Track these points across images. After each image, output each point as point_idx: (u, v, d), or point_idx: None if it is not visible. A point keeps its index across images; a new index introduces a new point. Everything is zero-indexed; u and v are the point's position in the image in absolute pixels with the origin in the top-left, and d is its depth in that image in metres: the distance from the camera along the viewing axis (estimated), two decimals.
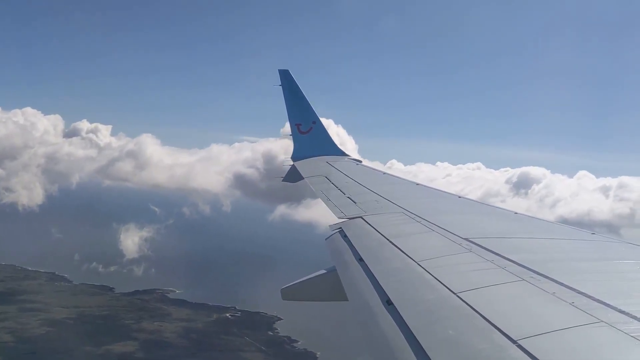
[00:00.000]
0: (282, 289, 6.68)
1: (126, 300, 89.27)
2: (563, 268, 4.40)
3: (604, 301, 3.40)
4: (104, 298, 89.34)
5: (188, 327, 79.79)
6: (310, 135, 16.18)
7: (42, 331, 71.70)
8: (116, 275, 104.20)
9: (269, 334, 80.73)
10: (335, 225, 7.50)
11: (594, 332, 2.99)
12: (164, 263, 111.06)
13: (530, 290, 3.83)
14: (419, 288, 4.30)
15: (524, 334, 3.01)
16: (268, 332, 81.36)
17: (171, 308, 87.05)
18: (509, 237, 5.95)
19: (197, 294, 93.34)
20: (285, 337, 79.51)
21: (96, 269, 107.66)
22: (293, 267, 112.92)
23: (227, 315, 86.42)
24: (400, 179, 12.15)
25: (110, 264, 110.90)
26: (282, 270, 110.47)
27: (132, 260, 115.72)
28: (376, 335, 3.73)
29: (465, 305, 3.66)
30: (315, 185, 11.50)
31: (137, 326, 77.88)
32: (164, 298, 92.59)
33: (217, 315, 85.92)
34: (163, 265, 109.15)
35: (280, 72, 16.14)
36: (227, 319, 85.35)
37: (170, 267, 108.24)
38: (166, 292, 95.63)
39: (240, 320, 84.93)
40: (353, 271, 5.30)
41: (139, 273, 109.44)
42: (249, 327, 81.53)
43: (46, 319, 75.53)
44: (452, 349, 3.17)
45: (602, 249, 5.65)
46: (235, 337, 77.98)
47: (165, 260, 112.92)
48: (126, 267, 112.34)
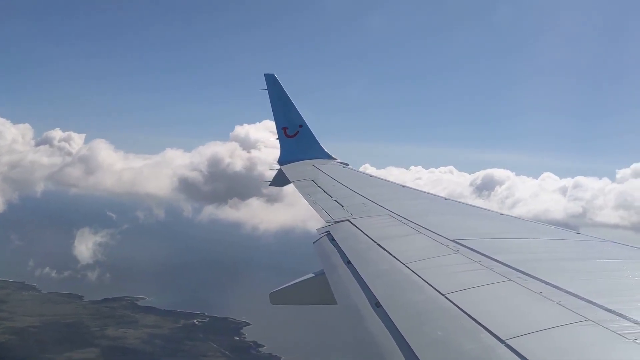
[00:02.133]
0: (270, 293, 6.66)
1: (94, 308, 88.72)
2: (549, 268, 4.43)
3: (590, 300, 3.43)
4: (72, 306, 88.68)
5: (153, 333, 79.68)
6: (296, 139, 16.18)
7: (3, 339, 70.98)
8: (86, 283, 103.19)
9: (235, 339, 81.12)
10: (323, 229, 7.49)
11: (581, 330, 3.02)
12: (125, 270, 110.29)
13: (517, 290, 3.85)
14: (407, 290, 4.31)
15: (512, 334, 3.03)
16: (234, 338, 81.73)
17: (139, 315, 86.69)
18: (495, 237, 5.99)
19: (167, 300, 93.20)
20: (252, 342, 79.97)
21: (49, 274, 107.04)
22: (258, 271, 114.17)
23: (194, 322, 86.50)
24: (387, 182, 12.19)
25: (64, 269, 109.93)
26: (249, 275, 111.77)
27: (87, 266, 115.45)
28: (365, 338, 3.73)
29: (453, 306, 3.67)
30: (302, 188, 11.49)
31: (100, 333, 77.59)
32: (133, 305, 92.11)
33: (184, 321, 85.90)
34: (130, 273, 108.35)
35: (266, 77, 16.11)
36: (194, 324, 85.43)
37: (136, 274, 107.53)
38: (136, 299, 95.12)
39: (207, 326, 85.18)
40: (341, 274, 5.29)
41: (93, 278, 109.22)
42: (215, 333, 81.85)
43: (8, 328, 74.77)
44: (441, 349, 3.18)
45: (587, 248, 5.71)
46: (200, 343, 78.20)
47: (128, 267, 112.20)
48: (80, 272, 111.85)
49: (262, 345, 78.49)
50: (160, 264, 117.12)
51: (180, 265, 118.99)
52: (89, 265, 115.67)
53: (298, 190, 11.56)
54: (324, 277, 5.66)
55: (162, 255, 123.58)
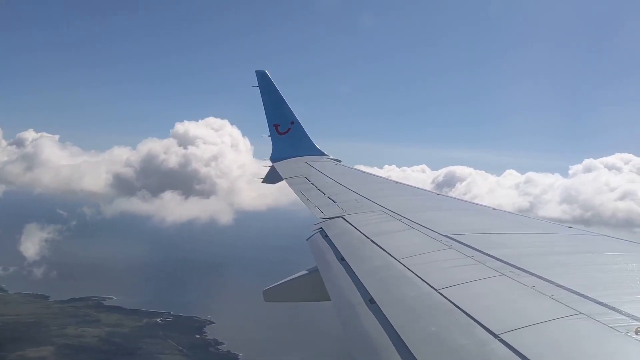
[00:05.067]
0: (264, 290, 6.65)
1: (58, 307, 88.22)
2: (542, 262, 4.45)
3: (582, 293, 3.45)
4: (36, 306, 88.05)
5: (113, 332, 79.68)
6: (288, 135, 16.15)
7: None
8: (54, 282, 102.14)
9: (196, 337, 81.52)
10: (316, 226, 7.49)
11: (574, 324, 3.03)
12: (79, 267, 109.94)
13: (510, 284, 3.86)
14: (400, 286, 4.32)
15: (505, 328, 3.04)
16: (195, 336, 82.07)
17: (103, 314, 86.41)
18: (488, 232, 6.01)
19: (135, 300, 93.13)
20: (212, 340, 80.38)
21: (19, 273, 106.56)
22: (227, 270, 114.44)
23: (157, 320, 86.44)
24: (380, 178, 12.20)
25: (10, 265, 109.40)
26: (218, 274, 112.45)
27: (33, 263, 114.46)
28: (360, 334, 3.73)
29: (446, 301, 3.68)
30: (294, 185, 11.47)
31: (59, 332, 77.08)
32: (99, 305, 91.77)
33: (147, 320, 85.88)
34: (91, 272, 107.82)
35: (258, 73, 16.08)
36: (157, 323, 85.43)
37: (98, 273, 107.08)
38: (103, 299, 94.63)
39: (170, 324, 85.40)
40: (335, 271, 5.30)
41: (39, 275, 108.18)
42: (176, 331, 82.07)
43: None
44: (435, 345, 3.18)
45: (579, 242, 5.74)
46: (160, 341, 78.41)
47: (84, 265, 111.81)
48: (26, 269, 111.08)
49: (221, 343, 79.13)
50: (122, 262, 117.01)
51: (147, 265, 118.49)
52: (36, 262, 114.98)
53: (290, 187, 11.54)
54: (318, 274, 5.66)
55: (122, 254, 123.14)
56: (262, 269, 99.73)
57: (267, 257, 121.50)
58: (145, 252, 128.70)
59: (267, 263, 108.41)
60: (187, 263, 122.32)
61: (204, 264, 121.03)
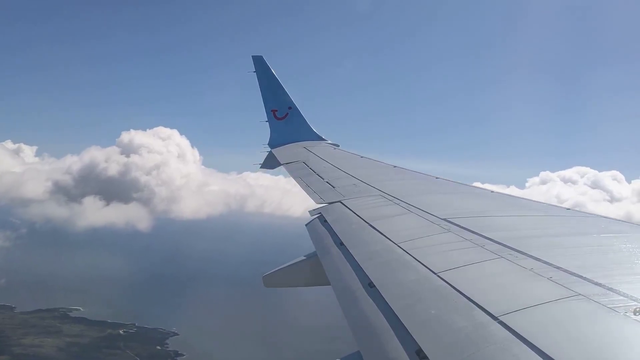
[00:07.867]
0: (263, 276, 6.66)
1: (22, 318, 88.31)
2: (540, 244, 4.47)
3: (580, 275, 3.46)
4: (0, 317, 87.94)
5: (73, 342, 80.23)
6: (286, 121, 16.10)
7: None
8: (18, 294, 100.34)
9: (157, 349, 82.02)
10: (315, 211, 7.49)
11: (572, 305, 3.05)
12: (47, 278, 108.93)
13: (508, 267, 3.88)
14: (399, 269, 4.33)
15: (504, 310, 3.05)
16: (157, 347, 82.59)
17: (66, 325, 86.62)
18: (486, 215, 6.02)
19: (101, 312, 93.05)
20: (172, 352, 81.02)
21: None
22: (194, 281, 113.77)
23: (120, 332, 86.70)
24: (378, 162, 12.18)
25: None
26: (185, 285, 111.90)
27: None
28: (359, 318, 3.75)
29: (446, 284, 3.69)
30: (293, 171, 11.46)
31: (17, 342, 77.49)
32: (64, 316, 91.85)
33: (110, 331, 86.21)
34: (67, 283, 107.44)
35: (254, 58, 15.97)
36: (119, 334, 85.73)
37: (60, 284, 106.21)
38: (70, 310, 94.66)
39: (132, 336, 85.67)
40: (334, 256, 5.31)
41: (4, 284, 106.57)
42: (138, 342, 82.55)
43: None
44: (435, 328, 3.20)
45: (577, 223, 5.75)
46: (118, 352, 79.05)
47: (38, 275, 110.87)
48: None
49: (182, 355, 79.79)
50: (89, 273, 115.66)
51: (117, 277, 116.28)
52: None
53: (289, 173, 11.53)
54: (317, 259, 5.67)
55: (87, 265, 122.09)
56: (234, 279, 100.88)
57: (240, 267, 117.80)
58: (116, 263, 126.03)
59: (237, 272, 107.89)
60: (158, 276, 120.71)
61: (175, 276, 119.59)
